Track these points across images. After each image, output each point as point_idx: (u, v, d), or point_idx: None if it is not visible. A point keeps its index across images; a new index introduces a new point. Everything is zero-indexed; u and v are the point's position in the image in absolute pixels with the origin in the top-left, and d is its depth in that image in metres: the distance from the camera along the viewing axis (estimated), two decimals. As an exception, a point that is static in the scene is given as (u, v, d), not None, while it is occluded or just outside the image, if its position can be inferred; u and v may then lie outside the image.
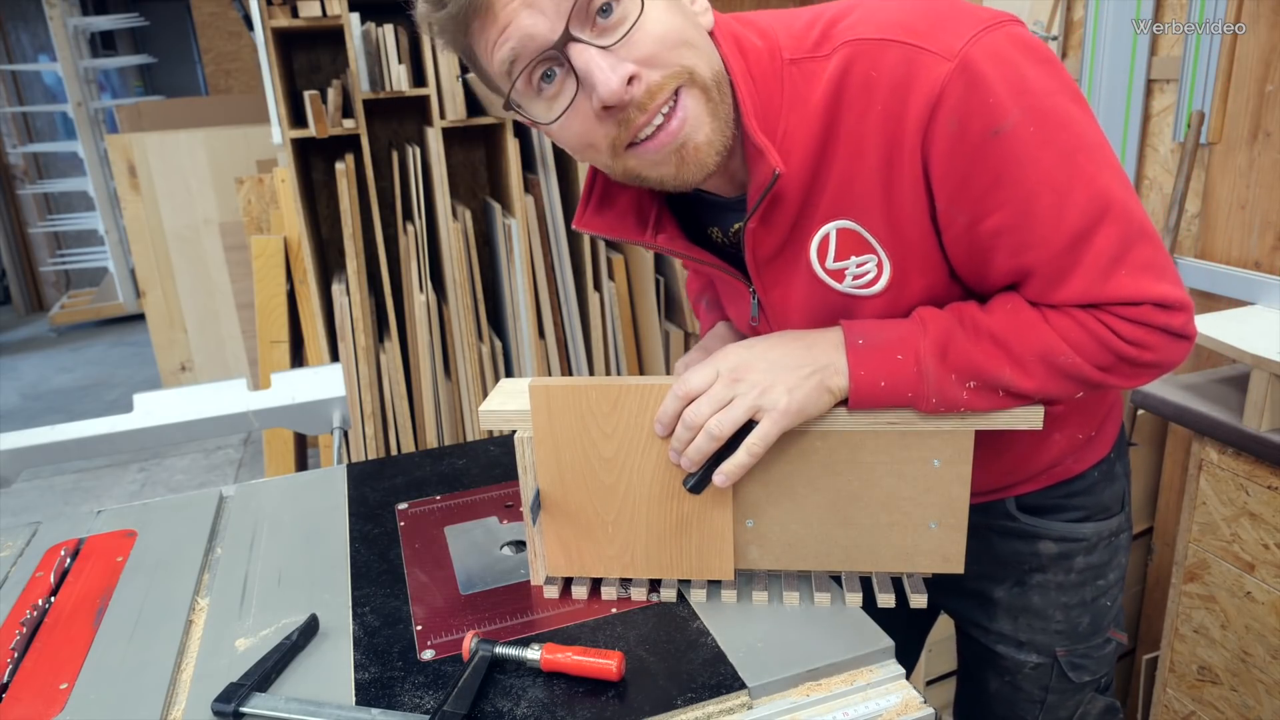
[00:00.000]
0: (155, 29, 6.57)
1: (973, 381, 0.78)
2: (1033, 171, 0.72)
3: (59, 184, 5.84)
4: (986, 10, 0.74)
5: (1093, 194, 0.72)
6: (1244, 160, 1.64)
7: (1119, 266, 0.74)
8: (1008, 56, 0.71)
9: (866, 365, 0.79)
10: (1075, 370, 0.77)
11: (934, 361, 0.78)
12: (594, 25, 0.70)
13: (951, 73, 0.70)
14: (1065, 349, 0.76)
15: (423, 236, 2.60)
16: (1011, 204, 0.73)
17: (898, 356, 0.78)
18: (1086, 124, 0.73)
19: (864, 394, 0.79)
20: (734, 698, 0.77)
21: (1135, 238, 0.74)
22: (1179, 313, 0.76)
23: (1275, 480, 1.37)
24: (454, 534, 1.06)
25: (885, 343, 0.79)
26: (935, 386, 0.78)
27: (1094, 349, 0.76)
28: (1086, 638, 1.01)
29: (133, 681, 0.83)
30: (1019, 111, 0.70)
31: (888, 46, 0.72)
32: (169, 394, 1.55)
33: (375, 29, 2.44)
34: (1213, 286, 1.68)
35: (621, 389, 0.84)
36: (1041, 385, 0.78)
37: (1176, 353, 0.78)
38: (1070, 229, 0.73)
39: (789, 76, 0.76)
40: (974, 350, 0.77)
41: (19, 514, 3.39)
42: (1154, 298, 0.74)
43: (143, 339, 5.38)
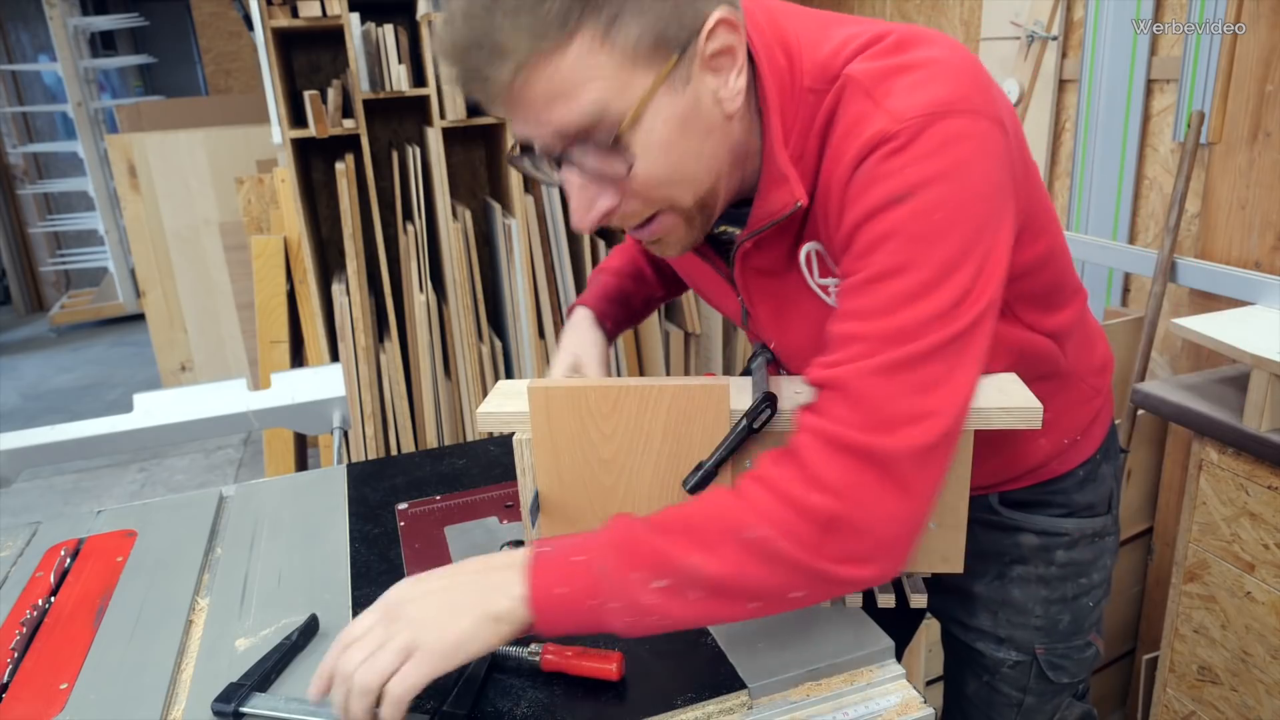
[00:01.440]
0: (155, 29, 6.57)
1: (659, 581, 0.68)
2: (909, 254, 0.68)
3: (59, 184, 5.84)
4: (981, 98, 0.70)
5: (916, 322, 0.68)
6: (1244, 160, 1.64)
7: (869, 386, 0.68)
8: (952, 140, 0.68)
9: (544, 573, 0.70)
10: (769, 546, 0.67)
11: (612, 555, 0.69)
12: (597, 147, 0.69)
13: (887, 133, 0.69)
14: (752, 520, 0.67)
15: (423, 236, 2.60)
16: (870, 270, 0.69)
17: (575, 558, 0.70)
18: (973, 245, 0.68)
19: (543, 607, 0.69)
20: (734, 698, 0.77)
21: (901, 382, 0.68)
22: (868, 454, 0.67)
23: (1275, 480, 1.37)
24: (454, 534, 1.06)
25: (567, 547, 0.71)
26: (616, 587, 0.69)
27: (780, 511, 0.67)
28: (1066, 637, 1.01)
29: (133, 681, 0.83)
30: (931, 193, 0.67)
31: (862, 96, 0.72)
32: (169, 394, 1.55)
33: (375, 29, 2.44)
34: (1213, 286, 1.68)
35: (621, 390, 0.84)
36: (737, 569, 0.68)
37: (870, 500, 0.67)
38: (870, 330, 0.68)
39: (805, 103, 0.76)
40: (656, 539, 0.69)
41: (19, 514, 3.39)
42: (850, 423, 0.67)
43: (143, 339, 5.37)
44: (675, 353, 2.91)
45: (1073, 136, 2.06)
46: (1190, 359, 1.81)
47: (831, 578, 0.68)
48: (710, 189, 0.75)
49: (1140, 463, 1.86)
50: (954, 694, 1.10)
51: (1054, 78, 2.07)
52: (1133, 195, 1.93)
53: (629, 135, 0.69)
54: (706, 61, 0.70)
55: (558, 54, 0.65)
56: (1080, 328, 0.94)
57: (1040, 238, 0.83)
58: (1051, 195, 2.17)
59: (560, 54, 0.65)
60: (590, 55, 0.65)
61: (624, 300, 1.11)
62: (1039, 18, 2.08)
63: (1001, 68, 2.23)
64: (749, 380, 0.89)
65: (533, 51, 0.65)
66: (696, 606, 0.69)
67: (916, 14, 2.63)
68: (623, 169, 0.70)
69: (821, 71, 0.75)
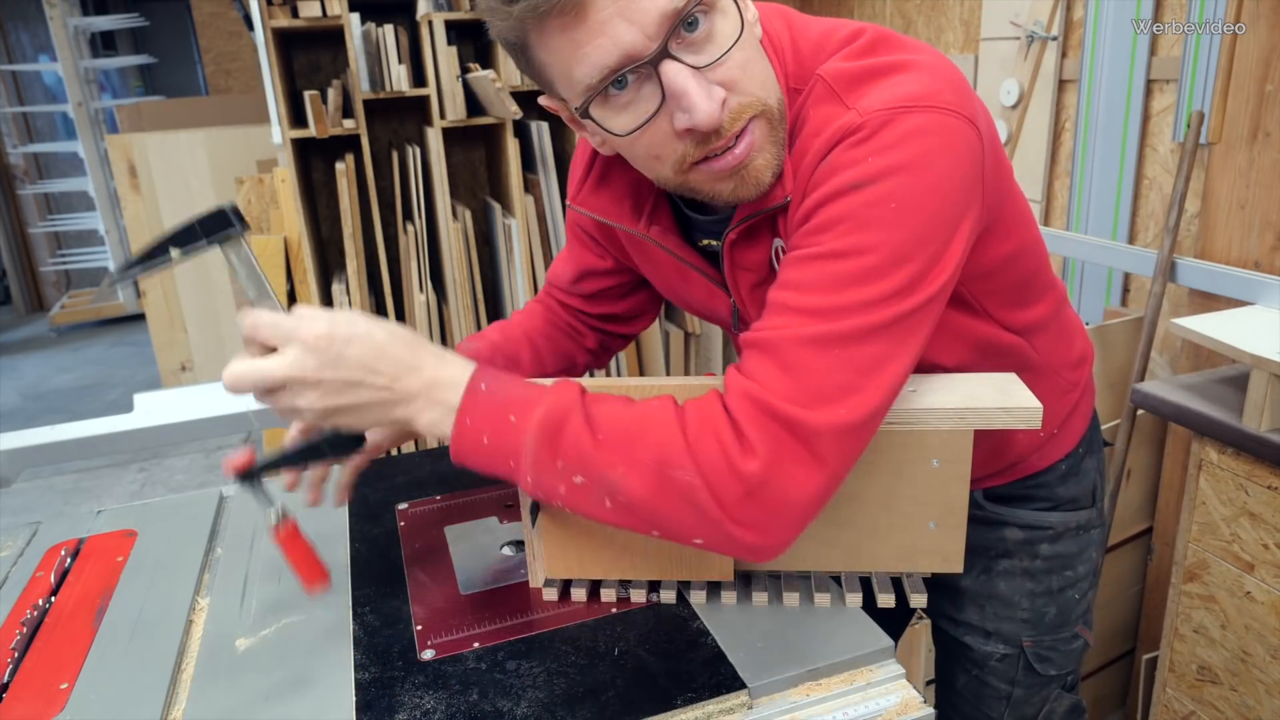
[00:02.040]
0: (155, 29, 6.57)
1: (579, 477, 0.69)
2: (859, 239, 0.68)
3: (59, 184, 5.84)
4: (954, 97, 0.71)
5: (854, 303, 0.68)
6: (1244, 160, 1.64)
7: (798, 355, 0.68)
8: (916, 132, 0.69)
9: (475, 414, 0.71)
10: (693, 494, 0.67)
11: (539, 437, 0.69)
12: (682, 39, 0.68)
13: (853, 125, 0.70)
14: (687, 461, 0.67)
15: (423, 236, 2.60)
16: (818, 248, 0.70)
17: (510, 418, 0.70)
18: (926, 240, 0.69)
19: (463, 447, 0.71)
20: (734, 698, 0.77)
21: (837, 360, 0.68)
22: (797, 428, 0.67)
23: (1275, 480, 1.37)
24: (454, 534, 1.06)
25: (507, 398, 0.71)
26: (536, 465, 0.70)
27: (716, 463, 0.67)
28: (1053, 629, 1.02)
29: (133, 681, 0.83)
30: (889, 182, 0.68)
31: (831, 98, 0.73)
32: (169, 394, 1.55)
33: (375, 29, 2.44)
34: (1212, 286, 1.68)
35: (621, 390, 0.84)
36: (654, 501, 0.68)
37: (790, 472, 0.67)
38: (806, 303, 0.69)
39: (789, 103, 0.77)
40: (587, 439, 0.69)
41: (19, 514, 3.39)
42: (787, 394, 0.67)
43: (143, 339, 5.37)
44: (675, 353, 2.91)
45: (1073, 136, 2.06)
46: (1190, 359, 1.81)
47: (735, 540, 0.69)
48: (780, 99, 0.75)
49: (1140, 463, 1.86)
50: (945, 688, 1.11)
51: (1054, 78, 2.07)
52: (1132, 195, 1.93)
53: (726, 1, 0.69)
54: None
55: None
56: (1054, 323, 0.95)
57: (1010, 236, 0.83)
58: (1051, 195, 2.17)
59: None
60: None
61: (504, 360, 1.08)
62: (1039, 18, 2.08)
63: (1001, 68, 2.23)
64: (749, 380, 0.89)
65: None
66: (604, 512, 0.71)
67: (916, 14, 2.63)
68: (728, 39, 0.69)
69: (801, 71, 0.77)
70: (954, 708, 1.09)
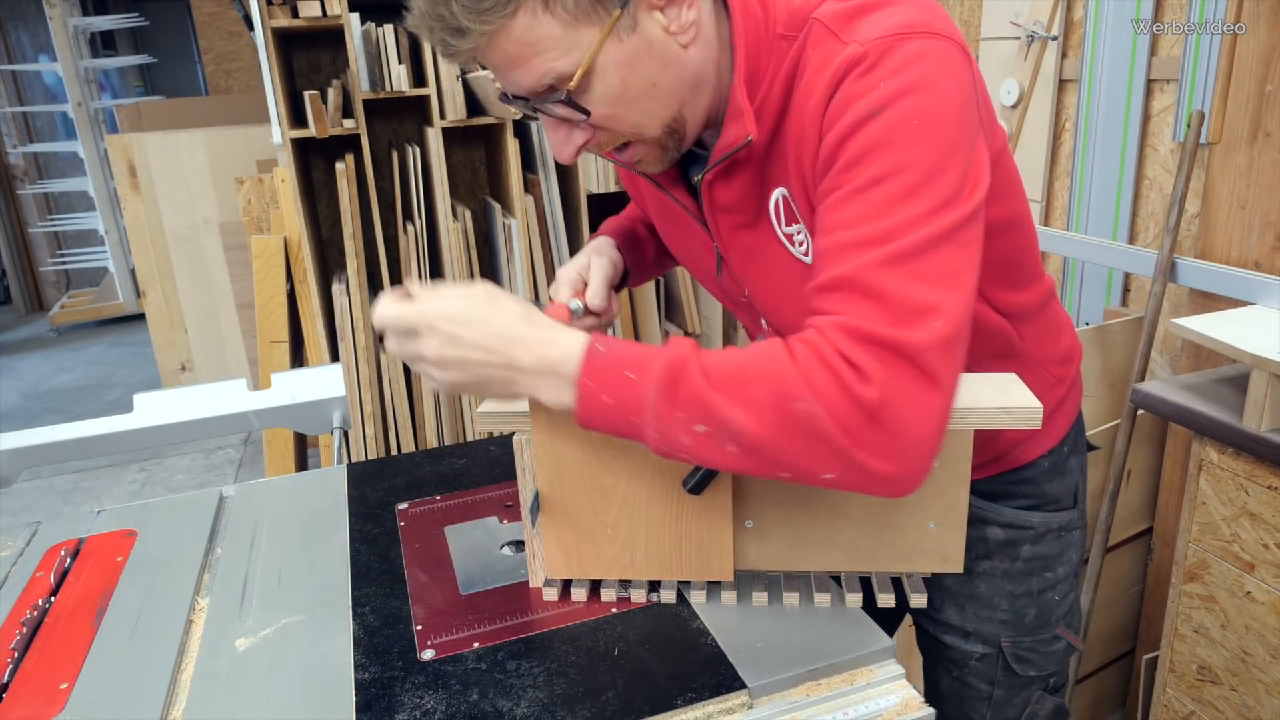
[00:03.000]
0: (155, 29, 6.58)
1: (700, 426, 0.70)
2: (893, 161, 0.70)
3: (59, 184, 5.84)
4: (942, 25, 0.74)
5: (908, 219, 0.69)
6: (1244, 160, 1.64)
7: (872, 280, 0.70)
8: (919, 56, 0.71)
9: (595, 375, 0.73)
10: (816, 424, 0.67)
11: (659, 389, 0.71)
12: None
13: (856, 56, 0.72)
14: (805, 393, 0.67)
15: (423, 236, 2.60)
16: (856, 181, 0.71)
17: (628, 374, 0.72)
18: (953, 150, 0.71)
19: (588, 409, 0.74)
20: (734, 698, 0.77)
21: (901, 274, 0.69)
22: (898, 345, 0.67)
23: (1275, 480, 1.37)
24: (454, 534, 1.06)
25: (623, 356, 0.73)
26: (655, 420, 0.71)
27: (834, 391, 0.67)
28: (1033, 630, 1.02)
29: (133, 681, 0.83)
30: (905, 103, 0.70)
31: (827, 36, 0.76)
32: (169, 394, 1.55)
33: (375, 29, 2.44)
34: (1213, 286, 1.68)
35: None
36: (775, 438, 0.69)
37: (909, 393, 0.67)
38: (864, 234, 0.70)
39: (777, 49, 0.79)
40: (703, 386, 0.70)
41: (19, 514, 3.39)
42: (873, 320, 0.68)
43: (143, 339, 5.37)
44: (675, 353, 2.91)
45: (1073, 136, 2.06)
46: (1190, 359, 1.81)
47: (866, 469, 0.68)
48: (675, 115, 0.80)
49: (1140, 463, 1.86)
50: (930, 691, 1.12)
51: (1054, 78, 2.07)
52: (1133, 195, 1.93)
53: (581, 91, 0.75)
54: (652, 4, 0.75)
55: (505, 29, 0.72)
56: (1042, 314, 0.96)
57: (999, 201, 0.84)
58: (1051, 195, 2.17)
59: (508, 29, 0.72)
60: (535, 26, 0.72)
61: (637, 242, 1.13)
62: (1039, 18, 2.08)
63: (1001, 68, 2.23)
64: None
65: (483, 29, 0.71)
66: (729, 458, 0.71)
67: (916, 14, 2.63)
68: (583, 117, 0.77)
69: (793, 18, 0.79)
70: (940, 710, 1.09)
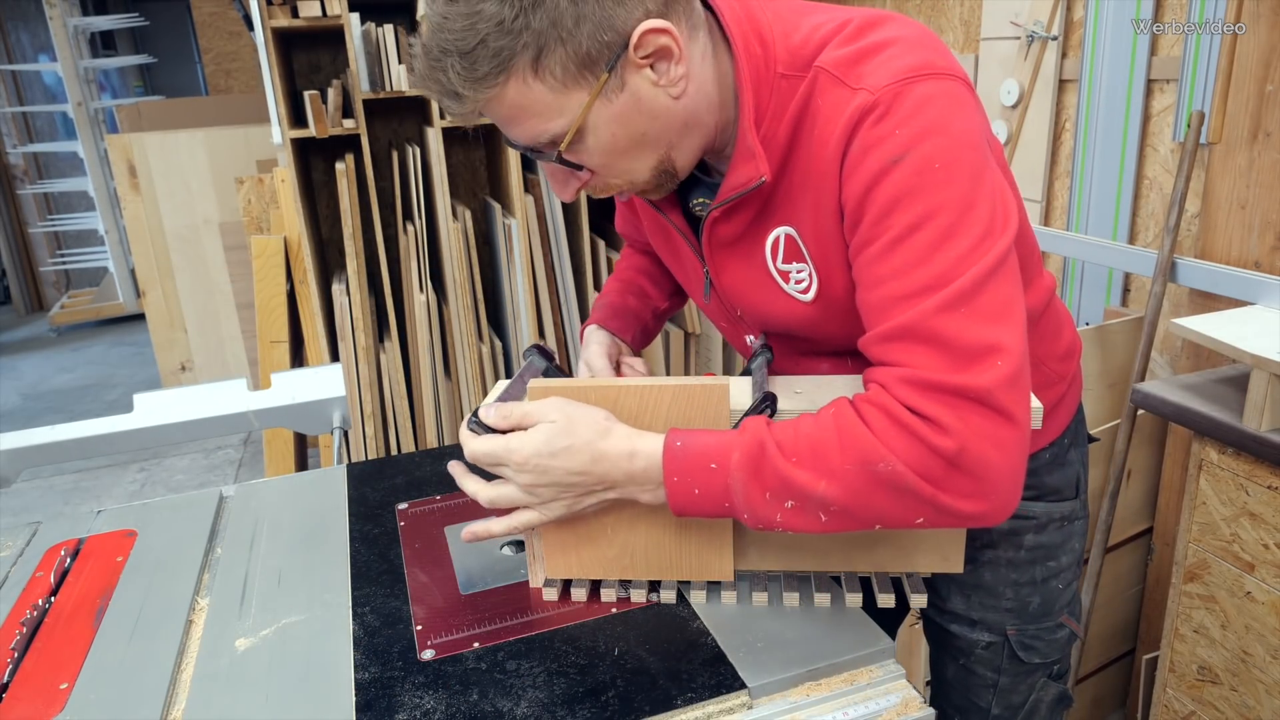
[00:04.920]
0: (155, 29, 6.58)
1: (790, 501, 0.74)
2: (924, 206, 0.72)
3: (59, 184, 5.84)
4: (944, 62, 0.76)
5: (952, 260, 0.71)
6: (1244, 160, 1.64)
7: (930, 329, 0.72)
8: (928, 99, 0.73)
9: (680, 471, 0.77)
10: (901, 481, 0.70)
11: (744, 475, 0.74)
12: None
13: (868, 104, 0.74)
14: (884, 453, 0.70)
15: (423, 236, 2.60)
16: (892, 232, 0.73)
17: (711, 465, 0.76)
18: (977, 186, 0.73)
19: (680, 503, 0.78)
20: (734, 698, 0.77)
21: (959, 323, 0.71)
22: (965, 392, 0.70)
23: (1275, 480, 1.37)
24: (454, 534, 1.06)
25: (703, 448, 0.77)
26: (745, 503, 0.75)
27: (912, 447, 0.70)
28: (1037, 618, 1.03)
29: (133, 681, 0.83)
30: (923, 148, 0.72)
31: (836, 84, 0.77)
32: (169, 394, 1.55)
33: (375, 29, 2.44)
34: (1213, 286, 1.68)
35: (621, 390, 0.84)
36: (865, 500, 0.72)
37: (985, 434, 0.69)
38: (913, 283, 0.72)
39: (777, 89, 0.81)
40: (784, 465, 0.73)
41: (19, 514, 3.39)
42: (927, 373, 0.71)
43: (143, 339, 5.37)
44: (675, 353, 2.91)
45: (1073, 136, 2.06)
46: (1190, 359, 1.81)
47: (956, 512, 0.72)
48: (662, 158, 0.82)
49: (1140, 463, 1.86)
50: (937, 679, 1.14)
51: (1054, 78, 2.07)
52: (1133, 195, 1.93)
53: (573, 147, 0.79)
54: (640, 65, 0.76)
55: (499, 95, 0.75)
56: (1045, 314, 0.98)
57: None
58: (1051, 195, 2.17)
59: (501, 94, 0.75)
60: (526, 91, 0.75)
61: (631, 314, 1.15)
62: (1039, 18, 2.08)
63: (1001, 68, 2.23)
64: (749, 380, 0.89)
65: (477, 95, 0.75)
66: (824, 524, 0.75)
67: (916, 14, 2.63)
68: (577, 170, 0.82)
69: (793, 59, 0.81)
70: (946, 698, 1.11)
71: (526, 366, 0.96)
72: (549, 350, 0.99)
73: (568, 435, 0.80)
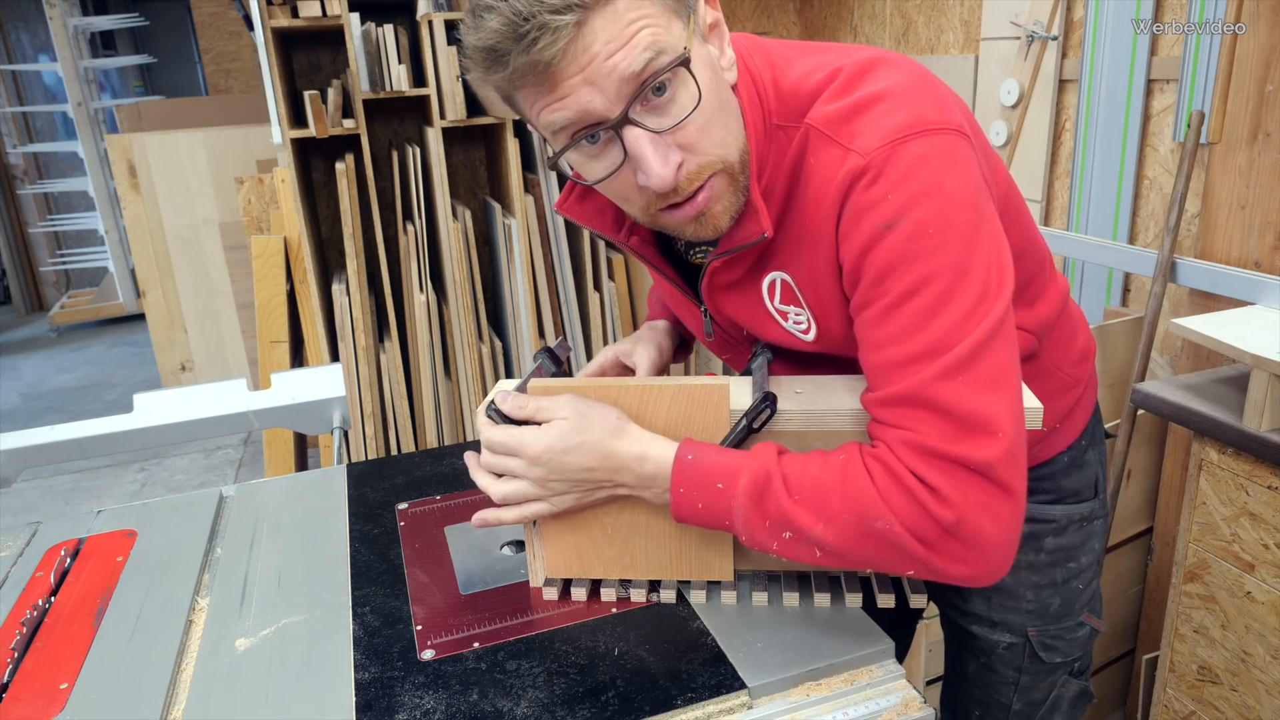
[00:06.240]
0: (155, 29, 6.57)
1: (787, 533, 0.76)
2: (919, 271, 0.72)
3: (59, 184, 5.84)
4: (936, 115, 0.75)
5: (948, 327, 0.72)
6: (1244, 160, 1.64)
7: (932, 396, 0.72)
8: (920, 160, 0.72)
9: (687, 484, 0.79)
10: (896, 539, 0.72)
11: (747, 502, 0.76)
12: (647, 101, 0.73)
13: (859, 168, 0.74)
14: (884, 511, 0.72)
15: (423, 236, 2.60)
16: (887, 297, 0.73)
17: (717, 485, 0.78)
18: (972, 248, 0.72)
19: (684, 512, 0.80)
20: (734, 698, 0.77)
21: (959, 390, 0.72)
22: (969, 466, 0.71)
23: (1275, 480, 1.37)
24: (454, 534, 1.06)
25: (712, 466, 0.78)
26: (745, 527, 0.77)
27: (911, 511, 0.71)
28: (1058, 619, 1.04)
29: (133, 681, 0.83)
30: (916, 212, 0.72)
31: (828, 143, 0.77)
32: (169, 394, 1.54)
33: (375, 29, 2.44)
34: (1213, 286, 1.68)
35: (621, 390, 0.84)
36: (858, 549, 0.74)
37: (984, 507, 0.71)
38: (912, 349, 0.73)
39: (775, 140, 0.81)
40: (787, 502, 0.75)
41: (19, 514, 3.39)
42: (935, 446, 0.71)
43: (143, 339, 5.37)
44: (675, 353, 2.90)
45: (1073, 136, 2.06)
46: (1190, 359, 1.81)
47: (946, 574, 0.73)
48: (744, 149, 0.79)
49: (1140, 463, 1.86)
50: (955, 674, 1.13)
51: (1054, 78, 2.07)
52: (1133, 195, 1.93)
53: (685, 72, 0.72)
54: (707, 30, 0.77)
55: (610, 2, 0.69)
56: (1059, 319, 0.98)
57: (1010, 231, 0.85)
58: (1051, 195, 2.17)
59: (614, 2, 0.69)
60: (639, 3, 0.70)
61: None
62: (1039, 18, 2.08)
63: (1001, 68, 2.23)
64: (749, 380, 0.89)
65: (588, 3, 0.68)
66: (814, 559, 0.77)
67: (916, 14, 2.63)
68: (687, 106, 0.73)
69: (784, 108, 0.80)
70: (966, 694, 1.11)
71: (535, 369, 0.96)
72: (559, 354, 0.98)
73: (580, 432, 0.81)
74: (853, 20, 2.99)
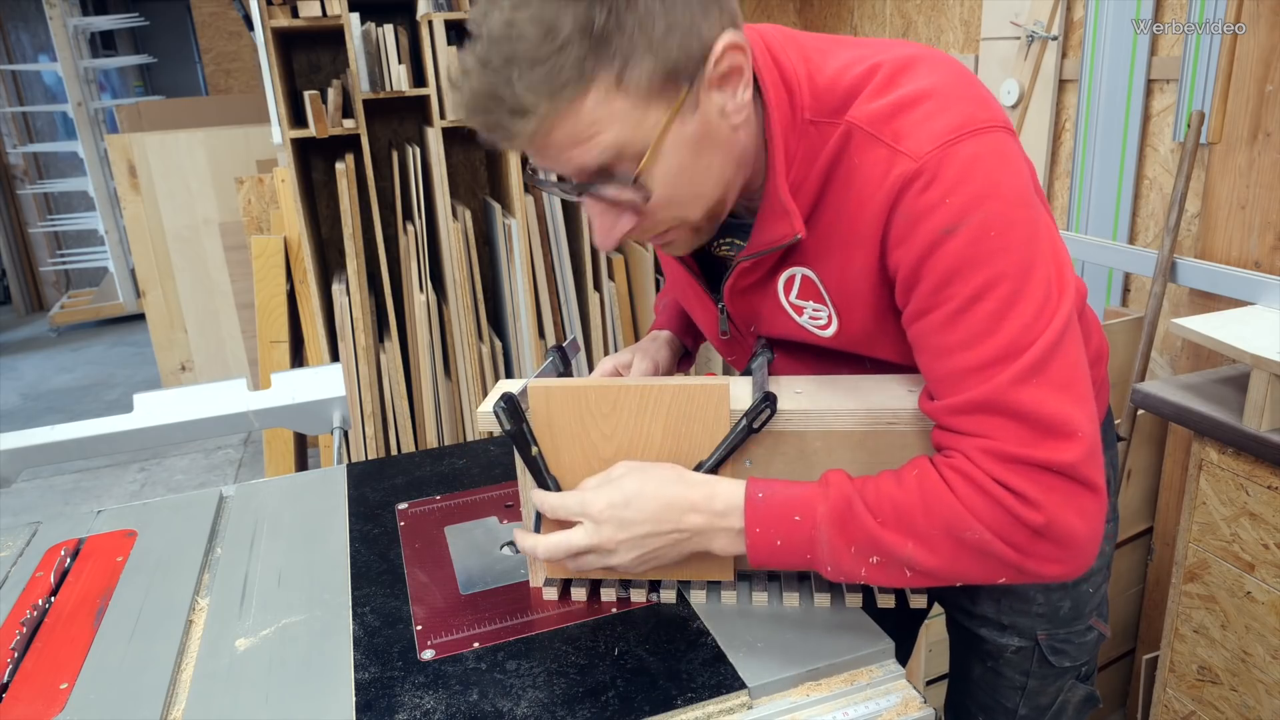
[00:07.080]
0: (155, 29, 6.58)
1: (875, 557, 0.75)
2: (985, 275, 0.71)
3: (59, 184, 5.84)
4: (984, 113, 0.73)
5: (1019, 329, 0.71)
6: (1244, 160, 1.64)
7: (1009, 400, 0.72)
8: (974, 160, 0.71)
9: (763, 522, 0.77)
10: (987, 548, 0.72)
11: (830, 530, 0.75)
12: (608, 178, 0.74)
13: (912, 172, 0.72)
14: (972, 522, 0.72)
15: (423, 236, 2.60)
16: (953, 303, 0.73)
17: (795, 518, 0.76)
18: (1034, 247, 0.72)
19: (761, 552, 0.78)
20: (734, 698, 0.77)
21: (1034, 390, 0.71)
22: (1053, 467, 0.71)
23: (1275, 480, 1.37)
24: (454, 534, 1.06)
25: (786, 500, 0.77)
26: (830, 556, 0.76)
27: (999, 519, 0.71)
28: (1067, 622, 1.03)
29: (133, 681, 0.83)
30: (976, 216, 0.71)
31: (873, 143, 0.75)
32: (169, 394, 1.54)
33: (375, 29, 2.44)
34: (1213, 286, 1.68)
35: (621, 390, 0.84)
36: (950, 564, 0.73)
37: (1071, 506, 0.71)
38: (983, 354, 0.72)
39: (806, 134, 0.78)
40: (872, 524, 0.74)
41: (19, 514, 3.39)
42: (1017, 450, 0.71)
43: (143, 339, 5.37)
44: (675, 353, 2.91)
45: (1073, 136, 2.06)
46: (1190, 359, 1.81)
47: (1039, 574, 0.73)
48: (719, 200, 0.79)
49: (1140, 463, 1.86)
50: (960, 677, 1.12)
51: (1054, 78, 2.07)
52: (1133, 195, 1.93)
53: (647, 171, 0.72)
54: (714, 83, 0.72)
55: (576, 105, 0.68)
56: (1078, 322, 0.96)
57: None
58: (1051, 195, 2.17)
59: (578, 105, 0.68)
60: (606, 102, 0.68)
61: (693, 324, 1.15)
62: (1039, 18, 2.08)
63: (1001, 68, 2.23)
64: (749, 380, 0.89)
65: (552, 108, 0.67)
66: (905, 580, 0.76)
67: (916, 14, 2.63)
68: (640, 198, 0.74)
69: (819, 104, 0.78)
70: (970, 697, 1.10)
71: (546, 366, 0.96)
72: (569, 354, 0.97)
73: (642, 482, 0.80)
74: (852, 20, 2.99)
